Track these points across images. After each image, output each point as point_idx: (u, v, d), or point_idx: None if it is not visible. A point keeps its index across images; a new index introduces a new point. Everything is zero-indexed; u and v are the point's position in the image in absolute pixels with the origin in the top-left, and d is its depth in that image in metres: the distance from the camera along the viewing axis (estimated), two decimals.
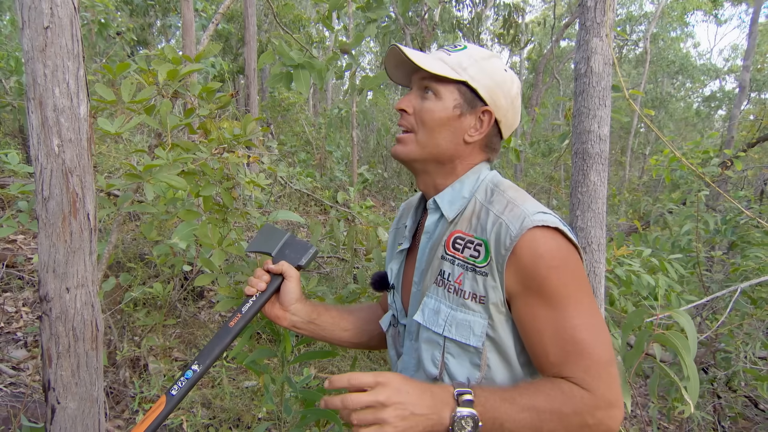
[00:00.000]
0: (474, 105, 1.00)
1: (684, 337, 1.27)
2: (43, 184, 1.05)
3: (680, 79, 20.52)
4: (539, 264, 0.88)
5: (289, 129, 10.23)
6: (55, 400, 1.10)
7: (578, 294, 0.89)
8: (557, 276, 0.88)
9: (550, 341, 0.88)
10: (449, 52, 1.01)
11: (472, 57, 1.00)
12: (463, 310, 0.94)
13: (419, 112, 1.00)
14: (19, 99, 3.74)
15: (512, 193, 0.97)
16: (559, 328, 0.87)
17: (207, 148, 1.67)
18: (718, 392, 2.98)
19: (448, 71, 0.98)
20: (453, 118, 0.99)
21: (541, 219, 0.89)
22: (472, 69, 0.99)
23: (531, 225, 0.88)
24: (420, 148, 1.01)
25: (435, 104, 0.99)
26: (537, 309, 0.89)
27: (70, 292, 1.17)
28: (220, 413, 2.75)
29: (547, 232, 0.89)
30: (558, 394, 0.84)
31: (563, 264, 0.89)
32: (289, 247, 1.16)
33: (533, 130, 13.26)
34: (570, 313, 0.87)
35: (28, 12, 0.94)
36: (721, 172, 4.01)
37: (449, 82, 0.98)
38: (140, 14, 8.87)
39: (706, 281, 3.65)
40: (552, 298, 0.88)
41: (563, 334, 0.87)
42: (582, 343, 0.86)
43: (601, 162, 2.06)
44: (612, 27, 1.97)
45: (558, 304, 0.88)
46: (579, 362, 0.85)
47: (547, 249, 0.88)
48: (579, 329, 0.87)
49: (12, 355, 2.88)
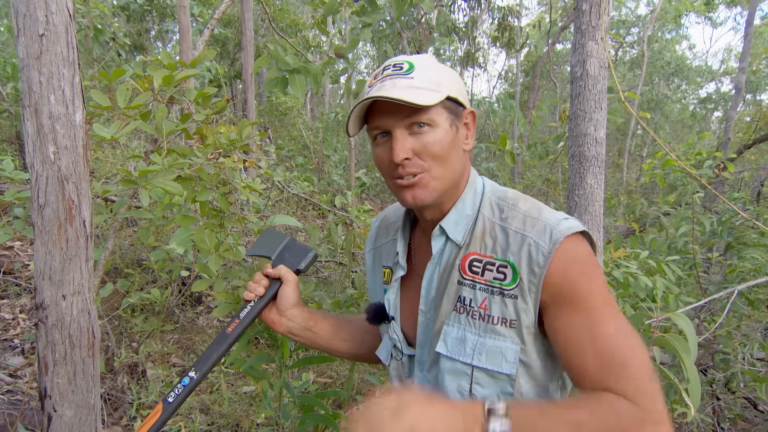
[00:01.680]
0: (459, 113, 0.95)
1: (684, 339, 1.28)
2: (39, 191, 1.04)
3: (676, 81, 20.61)
4: (571, 270, 0.85)
5: (286, 133, 10.23)
6: (52, 407, 1.09)
7: (609, 300, 0.86)
8: (588, 282, 0.85)
9: (588, 351, 0.83)
10: (406, 75, 0.91)
11: (431, 68, 0.93)
12: (493, 336, 0.90)
13: (424, 150, 0.90)
14: (16, 105, 3.73)
15: (523, 205, 0.93)
16: (595, 335, 0.83)
17: (203, 153, 1.67)
18: (717, 394, 2.98)
19: (435, 96, 0.90)
20: (454, 137, 0.93)
21: (567, 227, 0.87)
22: (442, 80, 0.93)
23: (561, 237, 0.86)
24: (441, 183, 0.93)
25: (436, 134, 0.91)
26: (571, 318, 0.85)
27: (66, 299, 1.17)
28: (219, 419, 2.74)
29: (577, 239, 0.87)
30: (603, 408, 0.78)
31: (593, 270, 0.86)
32: (289, 250, 1.16)
33: (530, 132, 13.30)
34: (604, 320, 0.83)
35: (23, 19, 0.94)
36: (717, 173, 4.02)
37: (436, 105, 0.90)
38: (137, 20, 8.88)
39: (703, 283, 3.66)
40: (584, 305, 0.84)
41: (601, 343, 0.82)
42: (622, 352, 0.81)
43: (598, 165, 2.07)
44: (607, 30, 1.98)
45: (591, 311, 0.84)
46: (621, 373, 0.80)
47: (578, 255, 0.86)
48: (616, 338, 0.82)
49: (9, 362, 2.87)
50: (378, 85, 0.92)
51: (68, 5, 0.98)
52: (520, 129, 12.23)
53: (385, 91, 0.89)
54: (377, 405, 0.74)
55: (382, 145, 0.94)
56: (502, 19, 9.81)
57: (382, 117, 0.92)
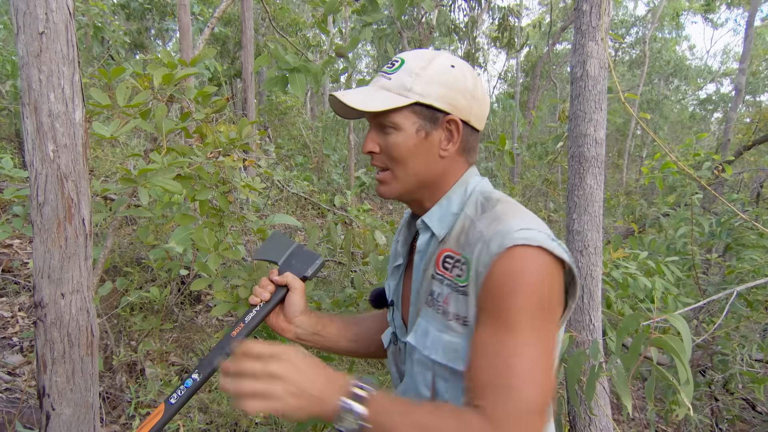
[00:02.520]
0: (436, 119, 0.94)
1: (680, 340, 1.28)
2: (38, 189, 1.04)
3: (675, 81, 20.62)
4: (506, 282, 0.82)
5: (286, 132, 10.23)
6: (50, 406, 1.09)
7: (536, 325, 0.81)
8: (520, 299, 0.81)
9: (486, 362, 0.81)
10: (388, 74, 0.95)
11: (413, 71, 0.93)
12: (449, 332, 0.91)
13: (386, 149, 0.96)
14: (15, 103, 3.73)
15: (501, 207, 0.92)
16: (500, 351, 0.80)
17: (203, 152, 1.67)
18: (716, 395, 2.98)
19: (393, 101, 0.92)
20: (420, 142, 0.94)
21: (523, 237, 0.83)
22: (417, 85, 0.92)
23: (510, 243, 0.83)
24: (401, 184, 0.97)
25: (397, 137, 0.94)
26: (488, 327, 0.83)
27: (65, 297, 1.17)
28: (217, 418, 2.74)
29: (527, 251, 0.82)
30: (453, 419, 0.77)
31: (532, 289, 0.81)
32: (296, 257, 1.15)
33: (530, 132, 13.30)
34: (519, 341, 0.79)
35: (23, 17, 0.94)
36: (717, 174, 4.03)
37: (402, 109, 0.92)
38: (137, 18, 8.87)
39: (702, 284, 3.66)
40: (506, 321, 0.81)
41: (501, 359, 0.79)
42: (517, 376, 0.77)
43: (598, 165, 2.07)
44: (607, 31, 1.98)
45: (509, 328, 0.80)
46: (500, 394, 0.77)
47: (519, 269, 0.82)
48: (520, 361, 0.78)
49: (7, 360, 2.87)
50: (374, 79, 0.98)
51: (68, 3, 0.98)
52: (519, 129, 12.24)
53: (352, 91, 0.95)
54: (254, 348, 0.78)
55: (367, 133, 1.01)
56: (502, 19, 9.82)
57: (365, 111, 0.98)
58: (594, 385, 1.48)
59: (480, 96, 0.98)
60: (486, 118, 1.03)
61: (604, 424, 1.99)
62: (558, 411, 2.15)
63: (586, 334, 2.03)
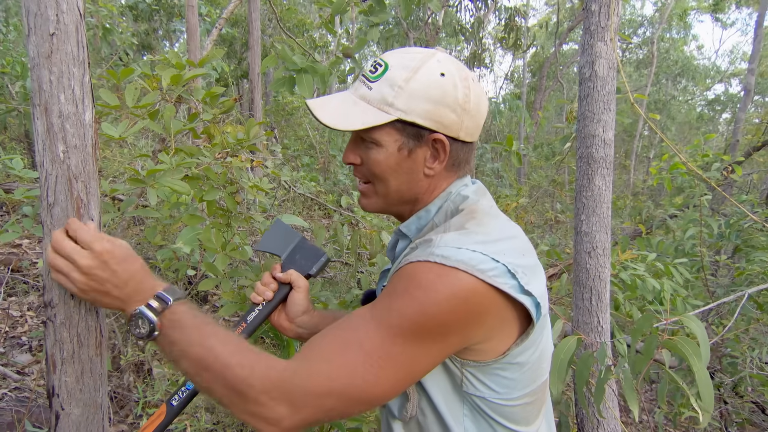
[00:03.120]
0: (420, 136, 0.87)
1: (695, 343, 1.26)
2: (48, 190, 1.05)
3: (683, 81, 20.49)
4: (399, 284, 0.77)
5: (292, 133, 10.25)
6: (59, 406, 1.10)
7: (404, 336, 0.74)
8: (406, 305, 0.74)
9: (328, 330, 0.78)
10: (369, 82, 0.87)
11: (395, 82, 0.84)
12: None
13: (367, 164, 0.90)
14: (25, 104, 3.76)
15: (458, 219, 0.86)
16: (345, 330, 0.76)
17: (210, 152, 1.67)
18: (725, 398, 2.96)
19: (371, 117, 0.84)
20: (403, 161, 0.88)
21: (442, 254, 0.76)
22: (399, 100, 0.84)
23: (425, 258, 0.76)
24: (382, 199, 0.94)
25: (378, 153, 0.88)
26: (365, 309, 0.79)
27: (74, 297, 1.17)
28: (224, 418, 2.75)
29: (441, 269, 0.75)
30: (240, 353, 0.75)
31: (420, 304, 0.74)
32: (300, 252, 1.11)
33: (537, 133, 13.26)
34: (371, 335, 0.74)
35: (33, 18, 0.95)
36: (726, 175, 4.00)
37: (383, 125, 0.85)
38: (145, 19, 8.92)
39: (711, 286, 3.63)
40: (380, 312, 0.76)
41: (340, 336, 0.76)
42: (331, 357, 0.73)
43: (606, 166, 2.05)
44: (616, 31, 1.97)
45: (377, 320, 0.75)
46: (305, 359, 0.74)
47: (420, 280, 0.75)
48: (353, 349, 0.73)
49: (17, 359, 2.89)
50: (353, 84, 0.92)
51: (79, 4, 0.99)
52: (526, 130, 12.21)
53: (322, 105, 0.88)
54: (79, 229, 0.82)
55: None
56: (509, 19, 9.79)
57: None
58: (603, 388, 1.47)
59: (472, 108, 0.89)
60: (481, 128, 0.95)
61: (612, 426, 1.97)
62: (565, 413, 2.14)
63: (594, 336, 2.02)
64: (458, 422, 0.86)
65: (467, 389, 0.85)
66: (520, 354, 0.85)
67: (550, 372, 0.97)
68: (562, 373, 1.51)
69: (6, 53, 4.11)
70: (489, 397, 0.85)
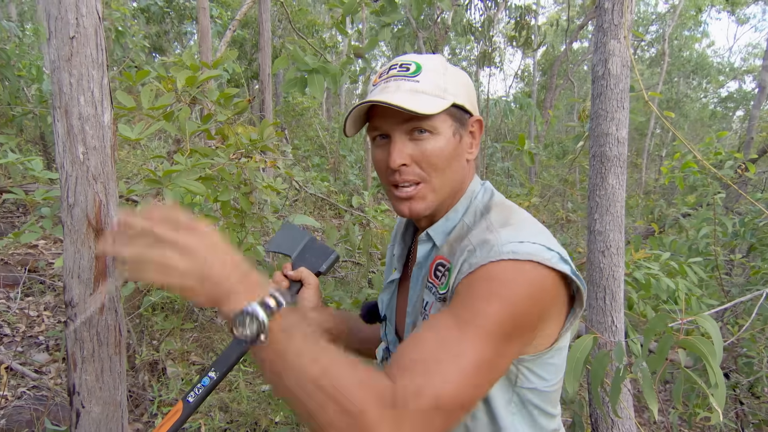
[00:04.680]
0: (464, 121, 0.90)
1: (710, 342, 1.25)
2: (68, 191, 1.06)
3: (697, 79, 20.27)
4: (482, 287, 0.76)
5: (303, 133, 10.29)
6: (80, 404, 1.11)
7: (495, 337, 0.74)
8: (492, 307, 0.74)
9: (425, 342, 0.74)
10: (412, 77, 0.87)
11: (438, 71, 0.88)
12: None
13: (423, 158, 0.87)
14: (41, 107, 3.81)
15: (496, 215, 0.87)
16: (444, 340, 0.73)
17: (225, 153, 1.68)
18: (741, 398, 2.92)
19: (439, 103, 0.85)
20: (456, 147, 0.89)
21: (510, 250, 0.77)
22: (450, 86, 0.88)
23: (496, 258, 0.77)
24: (439, 195, 0.90)
25: (437, 142, 0.87)
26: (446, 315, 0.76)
27: (93, 297, 1.18)
28: (238, 417, 2.76)
29: (516, 265, 0.76)
30: (356, 371, 0.67)
31: (508, 303, 0.74)
32: (310, 250, 1.12)
33: (547, 132, 13.18)
34: (468, 342, 0.72)
35: (54, 22, 0.96)
36: (740, 173, 3.95)
37: (439, 112, 0.86)
38: (156, 22, 8.99)
39: (725, 285, 3.59)
40: (467, 319, 0.74)
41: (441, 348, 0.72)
42: (445, 371, 0.70)
43: (620, 165, 2.04)
44: (630, 29, 1.96)
45: (466, 327, 0.73)
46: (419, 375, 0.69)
47: (502, 278, 0.76)
48: (458, 360, 0.71)
49: (34, 358, 2.93)
50: (382, 85, 0.89)
51: (98, 7, 1.00)
52: (537, 128, 12.15)
53: (388, 94, 0.85)
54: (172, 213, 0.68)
55: (382, 147, 0.90)
56: (519, 17, 9.75)
57: (383, 119, 0.88)
58: (619, 388, 1.46)
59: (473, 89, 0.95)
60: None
61: (627, 426, 1.96)
62: (579, 413, 2.13)
63: (608, 335, 2.01)
64: (509, 421, 0.88)
65: (521, 384, 0.87)
66: (564, 338, 0.88)
67: (565, 371, 0.98)
68: (578, 372, 1.50)
69: (23, 57, 4.17)
70: (540, 386, 0.88)
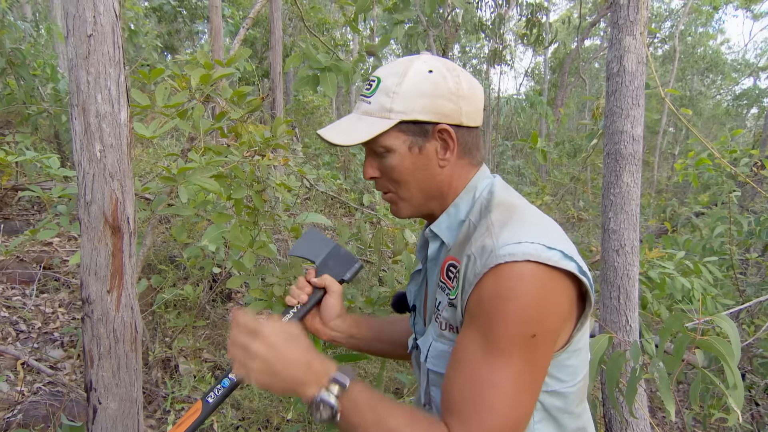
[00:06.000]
0: (426, 131, 0.91)
1: (728, 343, 1.23)
2: (86, 188, 1.07)
3: (711, 76, 20.03)
4: (493, 305, 0.78)
5: (313, 132, 10.31)
6: (97, 400, 1.12)
7: (521, 353, 0.77)
8: (506, 327, 0.77)
9: (461, 380, 0.80)
10: (367, 98, 0.93)
11: (389, 90, 0.90)
12: (441, 340, 0.90)
13: (385, 173, 0.95)
14: (55, 105, 3.85)
15: (497, 215, 0.87)
16: (477, 377, 0.78)
17: (239, 151, 1.69)
18: (756, 399, 2.89)
19: (376, 127, 0.90)
20: (416, 159, 0.92)
21: (507, 253, 0.78)
22: (397, 103, 0.90)
23: (493, 263, 0.78)
24: (409, 203, 0.97)
25: (392, 159, 0.92)
26: (469, 347, 0.80)
27: (110, 294, 1.19)
28: (250, 414, 2.78)
29: (514, 269, 0.77)
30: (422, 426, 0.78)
31: (519, 314, 0.77)
32: (334, 258, 1.13)
33: (558, 130, 13.10)
34: (498, 370, 0.77)
35: (72, 21, 0.96)
36: (755, 171, 3.90)
37: (389, 131, 0.90)
38: (168, 21, 9.05)
39: (741, 285, 3.55)
40: (490, 345, 0.78)
41: (477, 385, 0.78)
42: (490, 406, 0.76)
43: (635, 163, 2.02)
44: (646, 25, 1.93)
45: (491, 354, 0.78)
46: (470, 419, 0.77)
47: (506, 292, 0.77)
48: (497, 391, 0.77)
49: (50, 354, 2.96)
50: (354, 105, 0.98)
51: (115, 6, 1.00)
52: (549, 126, 12.07)
53: (331, 129, 0.95)
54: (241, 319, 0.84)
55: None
56: (531, 15, 9.69)
57: None
58: (635, 388, 1.45)
59: (467, 92, 0.93)
60: (481, 112, 0.97)
61: (642, 427, 1.94)
62: (592, 413, 2.11)
63: (622, 335, 1.99)
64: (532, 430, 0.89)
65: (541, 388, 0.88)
66: (580, 339, 0.88)
67: None
68: (593, 372, 1.49)
69: (37, 56, 4.21)
70: (559, 388, 0.88)
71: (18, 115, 4.28)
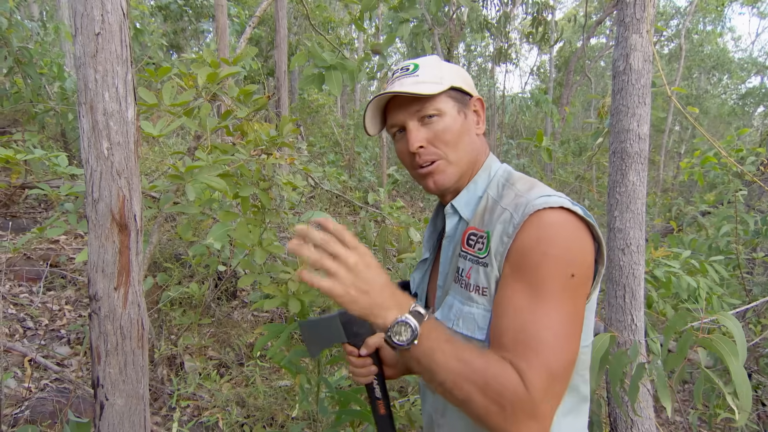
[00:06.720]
0: (465, 101, 1.04)
1: (732, 342, 1.23)
2: (93, 186, 1.07)
3: (717, 75, 19.89)
4: (536, 249, 0.85)
5: (318, 130, 10.31)
6: (104, 396, 1.12)
7: (565, 294, 0.84)
8: (550, 266, 0.84)
9: (513, 325, 0.84)
10: (411, 74, 1.02)
11: (434, 65, 1.03)
12: (469, 303, 0.95)
13: (436, 137, 1.00)
14: (62, 104, 3.87)
15: (520, 185, 0.96)
16: (528, 319, 0.83)
17: (245, 150, 1.69)
18: (763, 400, 2.87)
19: (437, 87, 0.99)
20: (463, 123, 1.02)
21: (543, 201, 0.87)
22: (445, 75, 1.02)
23: (533, 210, 0.86)
24: (457, 167, 1.02)
25: (445, 121, 1.00)
26: (518, 288, 0.86)
27: (117, 291, 1.19)
28: (255, 412, 2.79)
29: (550, 214, 0.86)
30: (497, 370, 0.80)
31: (561, 253, 0.84)
32: (352, 324, 1.10)
33: (563, 129, 13.05)
34: (546, 310, 0.83)
35: (80, 19, 0.97)
36: (762, 170, 3.88)
37: (441, 95, 1.00)
38: (174, 19, 9.07)
39: (747, 284, 3.53)
40: (536, 288, 0.84)
41: (529, 326, 0.82)
42: (543, 343, 0.81)
43: (641, 161, 2.01)
44: (652, 23, 1.93)
45: (538, 295, 0.83)
46: (529, 356, 0.80)
47: (547, 235, 0.85)
48: (547, 329, 0.82)
49: (57, 351, 2.98)
50: (389, 87, 1.04)
51: (122, 4, 1.01)
52: (554, 125, 12.03)
53: (394, 88, 1.00)
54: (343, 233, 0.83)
55: (401, 140, 1.03)
56: (536, 13, 9.65)
57: (395, 114, 1.02)
58: (637, 386, 1.45)
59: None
60: None
61: (647, 426, 1.94)
62: (597, 412, 2.11)
63: (628, 334, 1.98)
64: None
65: None
66: (594, 295, 0.94)
67: None
68: (595, 370, 1.48)
69: (44, 55, 4.23)
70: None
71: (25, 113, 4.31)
